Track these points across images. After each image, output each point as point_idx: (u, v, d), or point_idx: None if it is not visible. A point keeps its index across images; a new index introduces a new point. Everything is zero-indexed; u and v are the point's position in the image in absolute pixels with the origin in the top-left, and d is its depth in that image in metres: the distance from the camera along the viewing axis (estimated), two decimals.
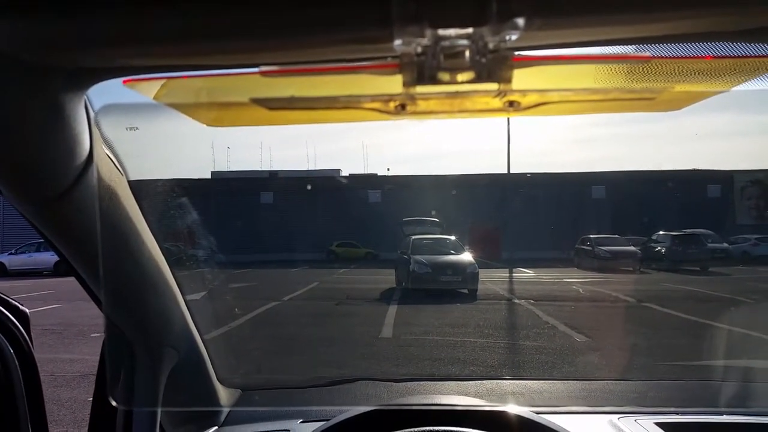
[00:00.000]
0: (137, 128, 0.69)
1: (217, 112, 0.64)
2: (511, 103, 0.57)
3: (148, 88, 0.60)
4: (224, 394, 1.54)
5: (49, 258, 21.22)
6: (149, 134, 0.71)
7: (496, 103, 0.57)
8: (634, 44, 0.57)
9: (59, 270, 20.21)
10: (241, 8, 0.50)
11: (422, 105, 0.57)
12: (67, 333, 9.22)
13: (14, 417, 1.17)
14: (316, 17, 0.51)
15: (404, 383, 1.88)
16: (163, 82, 0.59)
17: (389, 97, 0.56)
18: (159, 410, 1.24)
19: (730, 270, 17.73)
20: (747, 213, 27.77)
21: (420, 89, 0.54)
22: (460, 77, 0.52)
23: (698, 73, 0.58)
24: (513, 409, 1.29)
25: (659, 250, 19.81)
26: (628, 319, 9.90)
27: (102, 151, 0.85)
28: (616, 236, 20.32)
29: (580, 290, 13.60)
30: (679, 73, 0.57)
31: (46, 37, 0.56)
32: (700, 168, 30.16)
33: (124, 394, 1.21)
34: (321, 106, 0.59)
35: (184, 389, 1.37)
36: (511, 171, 26.16)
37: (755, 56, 0.56)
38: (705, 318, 9.32)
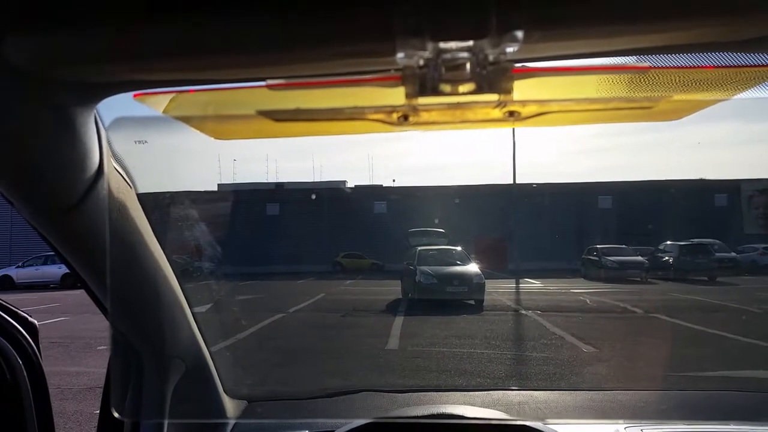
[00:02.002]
0: (146, 142, 0.70)
1: (224, 125, 0.65)
2: (511, 114, 0.58)
3: (157, 102, 0.61)
4: (231, 406, 1.54)
5: (56, 271, 21.30)
6: (158, 147, 0.72)
7: (497, 113, 0.58)
8: (634, 55, 0.58)
9: (66, 283, 20.28)
10: (247, 23, 0.52)
11: (425, 116, 0.58)
12: (73, 346, 9.22)
13: (23, 428, 1.17)
14: (320, 32, 0.52)
15: (410, 394, 1.88)
16: (172, 95, 0.61)
17: (392, 109, 0.57)
18: (166, 422, 1.24)
19: (738, 280, 17.60)
20: (755, 222, 27.60)
21: (422, 101, 0.55)
22: (462, 89, 0.54)
23: (698, 83, 0.59)
24: (525, 422, 1.29)
25: (666, 260, 19.71)
26: (635, 329, 9.83)
27: (111, 165, 0.86)
28: (624, 246, 20.22)
29: (588, 301, 13.51)
30: (679, 83, 0.58)
31: (56, 52, 0.57)
32: (707, 178, 30.07)
33: (131, 406, 1.21)
34: (326, 117, 0.60)
35: (190, 400, 1.37)
36: (517, 181, 26.12)
37: (755, 65, 0.57)
38: (713, 328, 9.26)
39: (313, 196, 30.18)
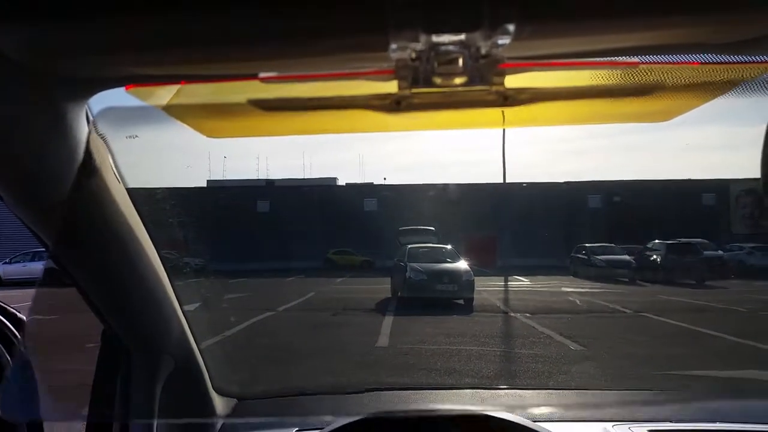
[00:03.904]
0: (137, 136, 0.70)
1: (217, 121, 0.65)
2: (503, 104, 0.58)
3: (149, 95, 0.61)
4: (220, 404, 1.53)
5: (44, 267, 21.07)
6: (148, 142, 0.72)
7: (488, 107, 0.58)
8: (625, 54, 0.59)
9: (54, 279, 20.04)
10: (240, 18, 0.51)
11: (416, 104, 0.58)
12: (61, 343, 9.14)
13: (12, 426, 1.16)
14: (313, 25, 0.52)
15: (400, 392, 1.88)
16: (165, 88, 0.60)
17: (385, 96, 0.57)
18: (155, 420, 1.24)
19: (727, 283, 17.67)
20: (741, 221, 27.87)
21: (415, 92, 0.55)
22: (454, 81, 0.54)
23: (685, 82, 0.59)
24: (508, 416, 1.29)
25: (654, 259, 19.82)
26: (624, 328, 9.89)
27: (102, 160, 0.86)
28: (612, 245, 20.34)
29: (577, 301, 13.57)
30: (668, 81, 0.59)
31: (49, 45, 0.57)
32: (695, 177, 30.34)
33: (121, 404, 1.21)
34: (317, 105, 0.60)
35: (180, 398, 1.37)
36: (507, 181, 26.22)
37: (740, 62, 0.58)
38: (700, 327, 9.34)
39: (305, 194, 30.11)
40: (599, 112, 0.62)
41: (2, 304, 1.24)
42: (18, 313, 1.25)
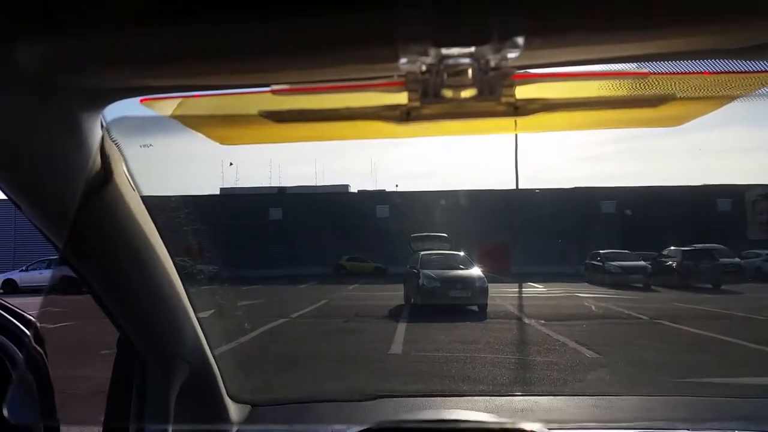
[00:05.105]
0: (151, 145, 0.71)
1: (229, 130, 0.66)
2: (513, 116, 0.58)
3: (163, 107, 0.62)
4: (234, 410, 1.54)
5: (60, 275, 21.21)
6: (161, 151, 0.73)
7: (499, 118, 0.59)
8: (634, 62, 0.59)
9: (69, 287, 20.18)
10: (251, 30, 0.52)
11: (426, 116, 0.59)
12: (77, 350, 9.20)
13: (28, 430, 1.18)
14: (324, 38, 0.53)
15: (414, 399, 1.87)
16: (178, 100, 0.62)
17: (395, 107, 0.58)
18: (170, 427, 1.24)
19: (743, 288, 17.43)
20: (758, 227, 27.50)
21: (425, 103, 0.56)
22: (463, 94, 0.54)
23: (697, 89, 0.59)
24: (525, 425, 1.28)
25: (670, 265, 19.57)
26: (639, 335, 9.79)
27: (117, 168, 0.87)
28: (627, 251, 20.12)
29: (592, 308, 13.44)
30: (678, 89, 0.59)
31: (65, 58, 0.58)
32: (710, 183, 29.99)
33: (136, 410, 1.22)
34: (328, 117, 0.60)
35: (194, 405, 1.38)
36: (520, 187, 26.13)
37: (750, 72, 0.58)
38: (717, 333, 9.22)
39: (317, 201, 30.21)
40: (611, 119, 0.62)
41: (19, 311, 1.26)
42: (35, 320, 1.26)
